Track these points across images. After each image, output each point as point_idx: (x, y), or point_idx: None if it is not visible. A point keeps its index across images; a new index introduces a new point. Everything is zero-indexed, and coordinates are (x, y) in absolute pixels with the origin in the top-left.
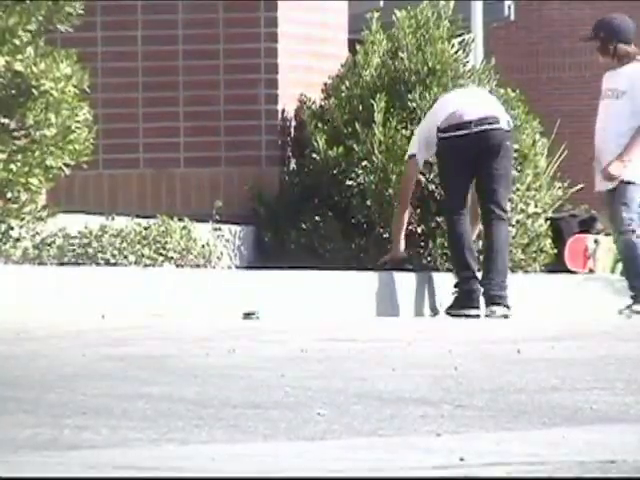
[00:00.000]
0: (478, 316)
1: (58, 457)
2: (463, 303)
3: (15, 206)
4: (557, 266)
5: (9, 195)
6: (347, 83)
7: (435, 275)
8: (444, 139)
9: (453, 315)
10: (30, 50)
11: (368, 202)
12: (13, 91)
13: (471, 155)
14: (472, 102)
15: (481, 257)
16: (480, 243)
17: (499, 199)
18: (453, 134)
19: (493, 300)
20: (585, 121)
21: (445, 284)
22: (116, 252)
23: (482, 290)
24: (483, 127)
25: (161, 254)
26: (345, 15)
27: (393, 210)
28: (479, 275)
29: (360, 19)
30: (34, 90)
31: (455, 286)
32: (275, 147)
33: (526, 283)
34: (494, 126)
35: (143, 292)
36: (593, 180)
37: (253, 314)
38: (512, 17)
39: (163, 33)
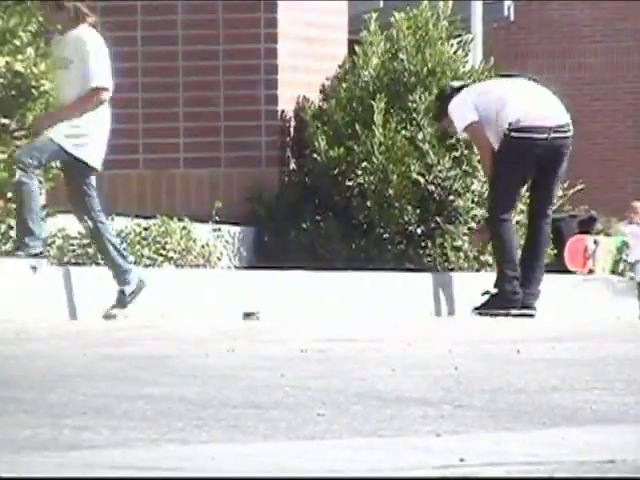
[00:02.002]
0: (529, 315)
1: (58, 457)
2: (505, 303)
3: (15, 206)
4: (557, 266)
5: (9, 195)
6: (346, 84)
7: (435, 276)
8: (516, 139)
9: (490, 315)
10: (30, 51)
11: (368, 203)
12: (13, 91)
13: (540, 160)
14: (547, 106)
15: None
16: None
17: (553, 198)
18: (528, 136)
19: (524, 306)
20: (585, 122)
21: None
22: None
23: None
24: (559, 134)
25: (161, 254)
26: (345, 16)
27: (393, 211)
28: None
29: (359, 20)
30: (34, 90)
31: (495, 286)
32: (275, 148)
33: None
34: (568, 134)
35: (143, 292)
36: (592, 180)
37: (253, 314)
38: (512, 17)
39: (163, 34)
